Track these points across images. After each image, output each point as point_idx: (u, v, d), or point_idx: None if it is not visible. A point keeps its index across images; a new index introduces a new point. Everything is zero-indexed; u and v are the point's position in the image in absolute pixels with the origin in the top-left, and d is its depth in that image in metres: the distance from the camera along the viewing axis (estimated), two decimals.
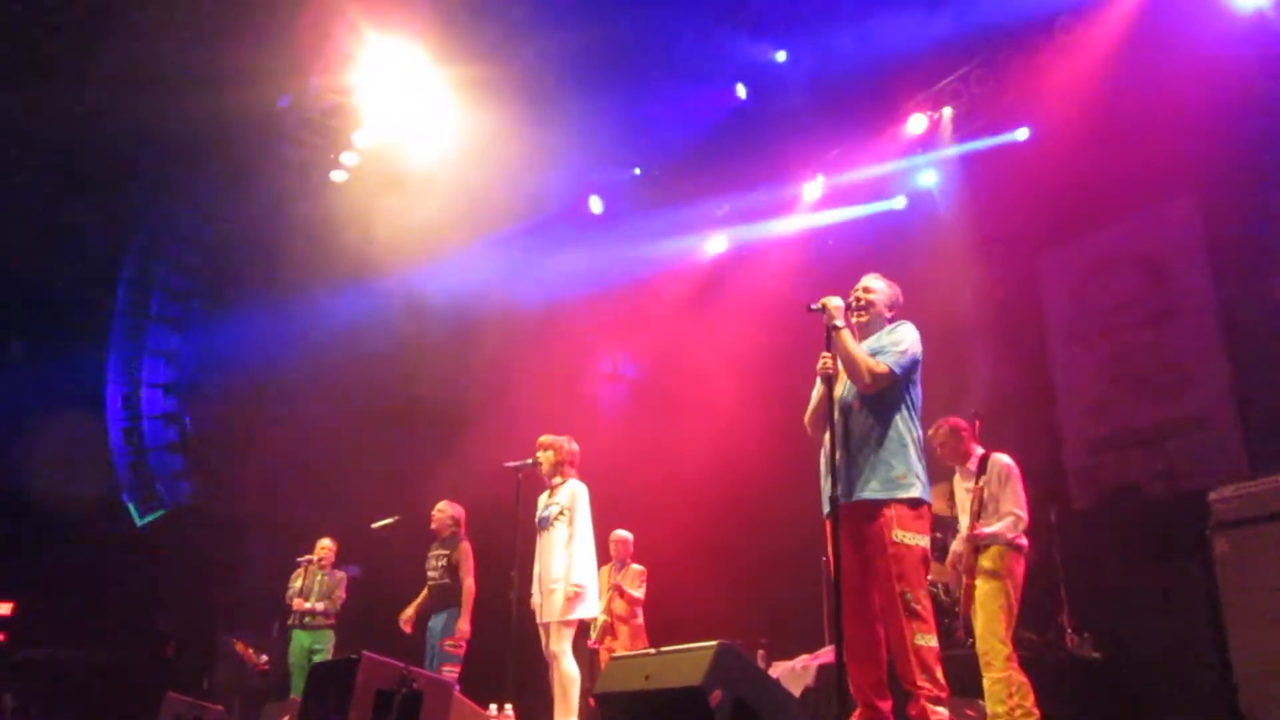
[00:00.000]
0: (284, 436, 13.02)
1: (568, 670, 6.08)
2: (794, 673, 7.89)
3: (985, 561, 5.53)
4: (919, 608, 3.96)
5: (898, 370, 4.21)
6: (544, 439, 6.60)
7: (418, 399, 12.13)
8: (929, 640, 3.96)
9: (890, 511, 4.06)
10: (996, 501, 5.62)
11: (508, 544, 6.56)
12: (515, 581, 6.33)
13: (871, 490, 4.10)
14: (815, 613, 8.57)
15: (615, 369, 12.30)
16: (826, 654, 7.81)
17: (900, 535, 4.04)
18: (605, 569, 8.66)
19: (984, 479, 5.67)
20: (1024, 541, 5.59)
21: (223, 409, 13.25)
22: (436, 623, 7.71)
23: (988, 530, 5.53)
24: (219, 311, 13.30)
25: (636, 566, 8.91)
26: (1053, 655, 6.83)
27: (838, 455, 4.16)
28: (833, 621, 3.97)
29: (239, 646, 9.45)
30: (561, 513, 6.30)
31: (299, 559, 9.10)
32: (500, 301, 11.48)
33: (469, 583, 7.67)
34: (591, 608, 6.31)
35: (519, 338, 11.72)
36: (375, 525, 8.02)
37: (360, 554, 10.50)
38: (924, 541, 4.09)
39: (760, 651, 8.86)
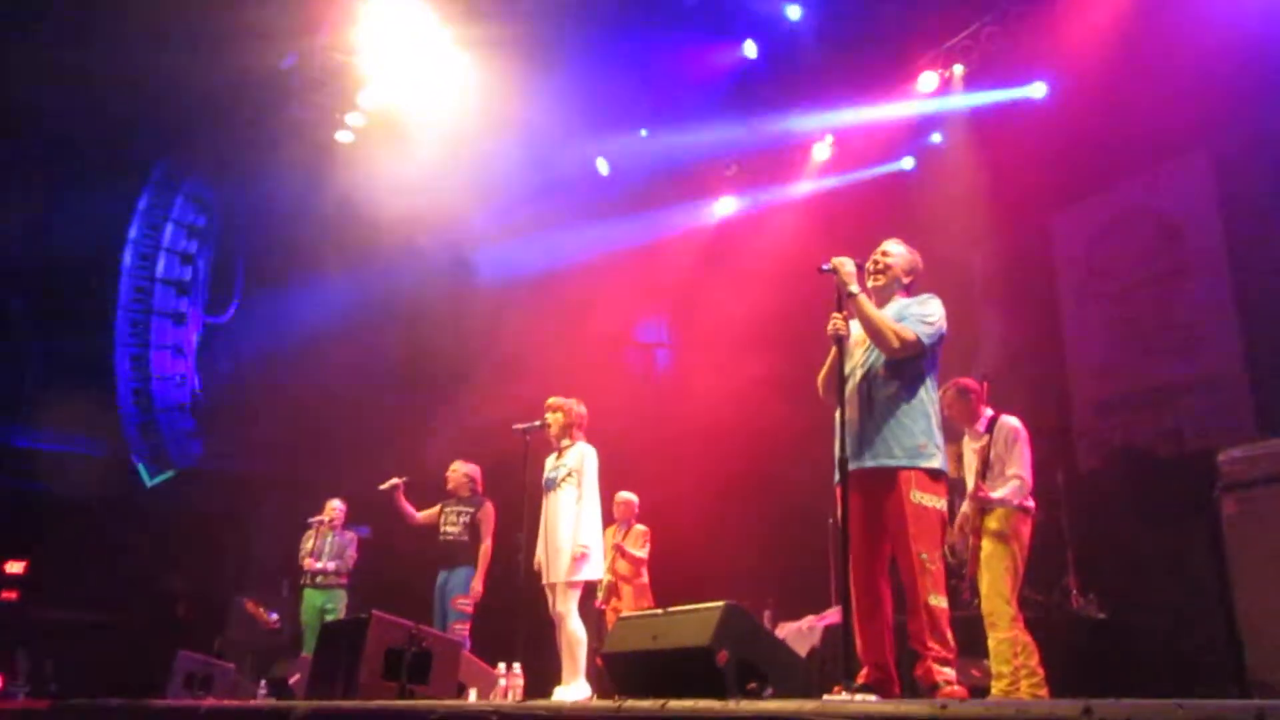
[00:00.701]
0: (293, 397, 13.08)
1: (574, 630, 6.12)
2: (800, 633, 7.95)
3: (991, 523, 5.54)
4: (933, 568, 4.00)
5: (926, 341, 4.21)
6: (552, 401, 6.59)
7: (425, 360, 12.15)
8: (941, 601, 3.99)
9: (910, 475, 4.09)
10: (1002, 463, 5.62)
11: (512, 505, 6.56)
12: (522, 543, 6.37)
13: (893, 457, 4.12)
14: (822, 574, 8.61)
15: (620, 331, 12.28)
16: (833, 615, 7.85)
17: (919, 497, 4.07)
18: (609, 530, 8.69)
19: (990, 439, 5.67)
20: (1030, 503, 5.59)
21: (232, 369, 13.31)
22: (448, 580, 7.75)
23: (995, 495, 5.54)
24: (226, 273, 13.31)
25: (640, 527, 8.95)
26: (1058, 616, 6.85)
27: (854, 419, 4.17)
28: (839, 583, 3.99)
29: (250, 606, 9.54)
30: (569, 474, 6.31)
31: (310, 520, 9.16)
32: (505, 262, 11.46)
33: (488, 543, 7.72)
34: (596, 569, 6.33)
35: (523, 299, 11.72)
36: (382, 487, 8.06)
37: (369, 515, 10.57)
38: (942, 505, 4.13)
39: (767, 612, 8.91)
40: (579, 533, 6.15)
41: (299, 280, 12.80)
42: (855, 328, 4.36)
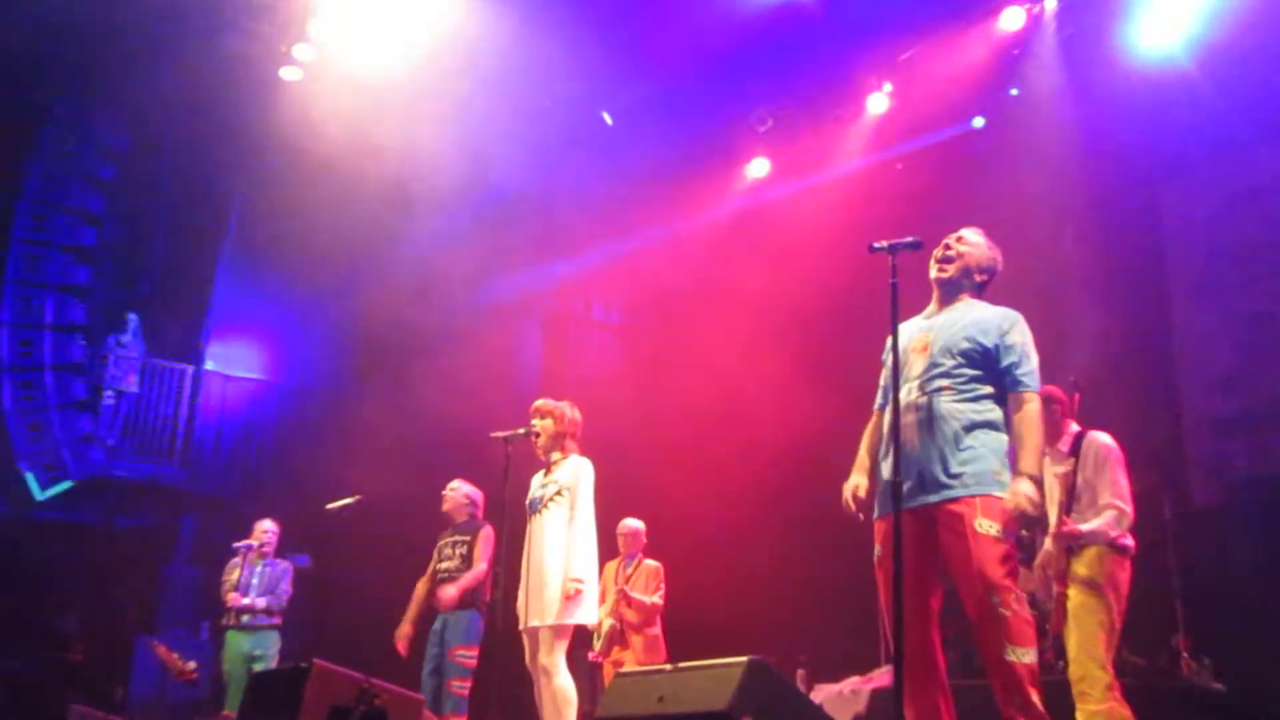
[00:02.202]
0: (217, 392, 13.09)
1: (562, 687, 6.08)
2: (841, 698, 7.93)
3: (1080, 566, 5.51)
4: (1008, 613, 3.95)
5: (1038, 388, 4.30)
6: (541, 404, 6.56)
7: (377, 348, 12.20)
8: (1022, 655, 3.94)
9: (975, 501, 4.10)
10: (1093, 491, 5.59)
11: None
12: (499, 578, 6.34)
13: (960, 485, 4.12)
14: (868, 625, 8.61)
15: (618, 318, 12.29)
16: (882, 676, 7.84)
17: (986, 525, 4.05)
18: (611, 565, 8.68)
19: (1078, 463, 5.64)
20: (1129, 542, 5.56)
21: (147, 359, 13.31)
22: (446, 625, 7.69)
23: (1084, 528, 5.51)
24: (138, 238, 13.31)
25: (651, 563, 8.90)
26: (1164, 685, 6.82)
27: (911, 440, 4.20)
28: (891, 637, 3.97)
29: (161, 651, 9.53)
30: (560, 492, 6.28)
31: (236, 545, 9.16)
32: (480, 234, 11.48)
33: (483, 566, 7.65)
34: (591, 611, 6.30)
35: (509, 277, 11.73)
36: (331, 506, 8.05)
37: (311, 541, 10.59)
38: (1010, 536, 4.11)
39: (800, 671, 8.89)
40: (570, 564, 6.11)
41: (230, 246, 12.82)
42: (909, 330, 4.38)
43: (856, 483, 4.49)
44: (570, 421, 6.53)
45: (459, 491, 8.12)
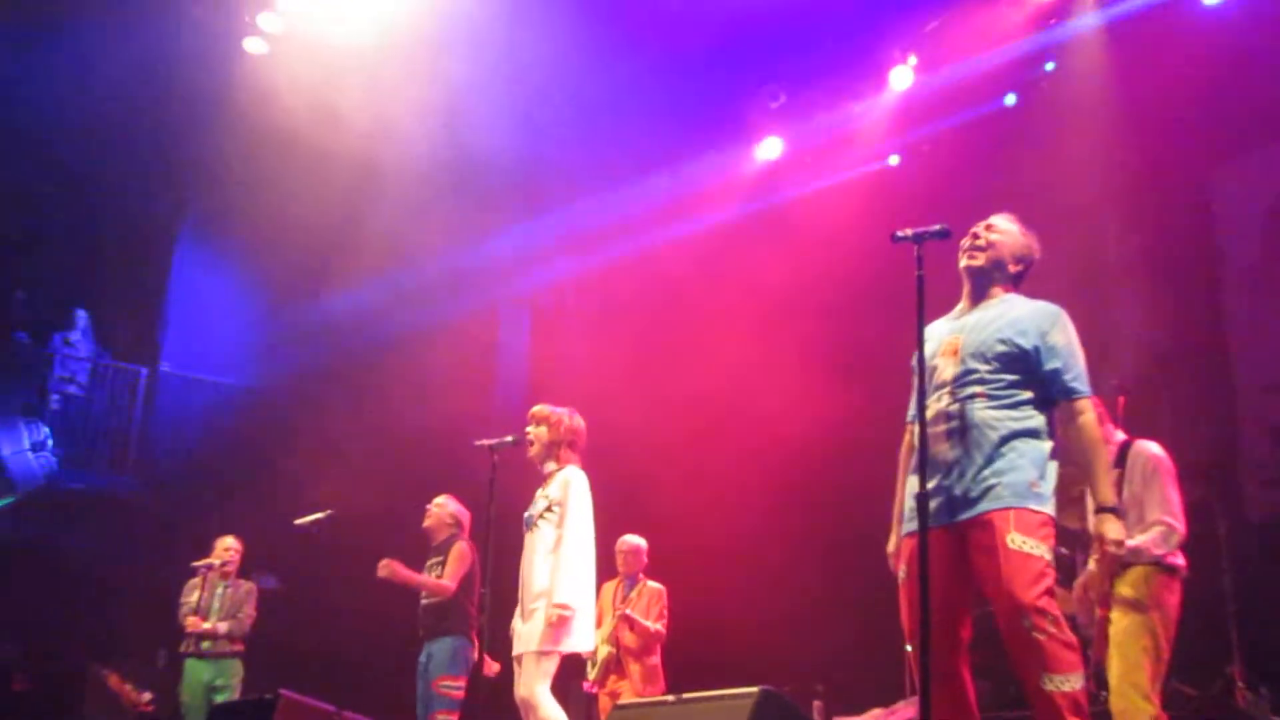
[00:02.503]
0: (174, 396, 13.07)
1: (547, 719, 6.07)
2: None
3: (1124, 587, 5.50)
4: (1044, 638, 3.94)
5: (1090, 392, 4.31)
6: (538, 410, 6.54)
7: (349, 345, 12.21)
8: (1063, 683, 3.91)
9: (1007, 514, 4.08)
10: (1140, 505, 5.59)
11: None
12: (486, 601, 6.33)
13: (994, 499, 4.12)
14: (892, 650, 8.59)
15: (615, 309, 12.26)
16: (906, 709, 7.84)
17: (1019, 541, 4.02)
18: (610, 586, 8.67)
19: (1124, 474, 5.64)
20: (1179, 561, 5.55)
21: (98, 359, 13.30)
22: (431, 655, 7.71)
23: (1129, 544, 5.50)
24: (88, 225, 13.29)
25: (654, 585, 8.90)
26: (1217, 717, 6.81)
27: (943, 451, 4.20)
28: (918, 664, 3.95)
29: (113, 680, 9.55)
30: (550, 508, 6.27)
31: (195, 565, 9.16)
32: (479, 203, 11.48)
33: (447, 583, 7.67)
34: (583, 638, 6.26)
35: (480, 269, 11.74)
36: (300, 522, 8.04)
37: (277, 560, 10.58)
38: (1049, 554, 4.09)
39: (817, 703, 8.89)
40: (556, 587, 6.08)
41: (189, 235, 12.81)
42: (937, 332, 4.38)
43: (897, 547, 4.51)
44: (568, 430, 6.51)
45: (444, 509, 8.12)
